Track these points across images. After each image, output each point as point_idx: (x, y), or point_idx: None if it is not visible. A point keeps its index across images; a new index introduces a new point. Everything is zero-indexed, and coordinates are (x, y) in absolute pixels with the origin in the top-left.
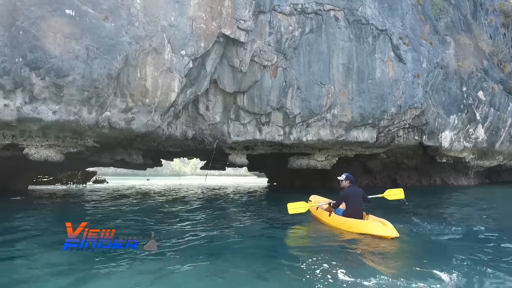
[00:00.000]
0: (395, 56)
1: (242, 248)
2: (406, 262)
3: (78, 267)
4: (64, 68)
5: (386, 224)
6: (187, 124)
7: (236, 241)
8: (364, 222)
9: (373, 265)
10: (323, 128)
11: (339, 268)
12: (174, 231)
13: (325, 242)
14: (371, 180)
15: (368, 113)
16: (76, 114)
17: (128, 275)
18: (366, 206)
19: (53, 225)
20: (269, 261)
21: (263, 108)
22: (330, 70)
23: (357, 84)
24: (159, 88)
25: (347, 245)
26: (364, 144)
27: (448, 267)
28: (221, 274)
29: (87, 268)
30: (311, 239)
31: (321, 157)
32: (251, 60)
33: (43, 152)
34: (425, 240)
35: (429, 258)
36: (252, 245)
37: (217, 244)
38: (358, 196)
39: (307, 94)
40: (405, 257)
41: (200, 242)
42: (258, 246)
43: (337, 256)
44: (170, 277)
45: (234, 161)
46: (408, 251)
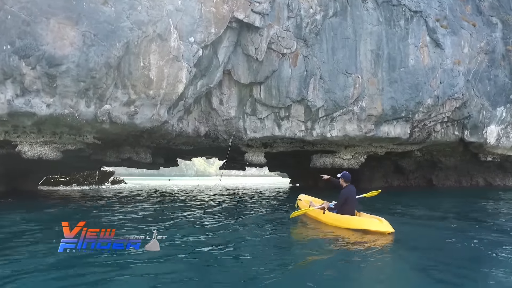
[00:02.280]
0: (431, 41)
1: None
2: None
3: (75, 271)
4: (56, 56)
5: (382, 220)
6: (200, 120)
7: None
8: (360, 218)
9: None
10: (350, 123)
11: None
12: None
13: (329, 241)
14: (403, 180)
15: (400, 105)
16: (72, 107)
17: (129, 278)
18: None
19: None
20: (269, 263)
21: (282, 100)
22: (356, 58)
23: (387, 72)
24: (165, 78)
25: (347, 240)
26: (396, 140)
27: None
28: (217, 274)
29: (85, 271)
30: (312, 237)
31: (348, 155)
32: (268, 47)
33: (37, 150)
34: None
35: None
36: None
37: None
38: (354, 195)
39: (331, 85)
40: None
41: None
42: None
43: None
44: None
45: (250, 159)
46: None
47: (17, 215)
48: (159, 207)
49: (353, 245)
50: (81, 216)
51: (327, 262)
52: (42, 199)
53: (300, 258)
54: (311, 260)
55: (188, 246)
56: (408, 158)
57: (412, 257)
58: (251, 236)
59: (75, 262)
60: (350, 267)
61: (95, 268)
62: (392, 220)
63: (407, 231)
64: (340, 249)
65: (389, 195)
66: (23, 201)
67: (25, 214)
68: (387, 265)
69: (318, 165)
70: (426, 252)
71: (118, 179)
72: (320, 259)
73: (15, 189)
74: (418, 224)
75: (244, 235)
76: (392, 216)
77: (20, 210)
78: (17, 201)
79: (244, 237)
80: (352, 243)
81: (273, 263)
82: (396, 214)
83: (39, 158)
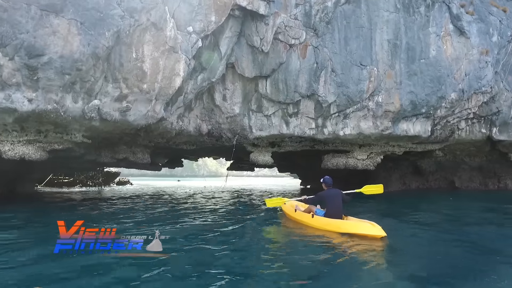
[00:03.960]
0: (455, 29)
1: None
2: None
3: (70, 275)
4: (37, 46)
5: (374, 224)
6: (202, 118)
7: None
8: (350, 222)
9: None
10: (365, 120)
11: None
12: None
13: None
14: (422, 182)
15: (421, 100)
16: (57, 103)
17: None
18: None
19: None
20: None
21: (290, 95)
22: (372, 48)
23: (406, 64)
24: (160, 71)
25: (333, 244)
26: (416, 139)
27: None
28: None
29: (82, 274)
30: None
31: (362, 155)
32: (275, 38)
33: (19, 149)
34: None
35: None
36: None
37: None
38: (338, 198)
39: (344, 78)
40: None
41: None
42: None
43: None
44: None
45: (256, 160)
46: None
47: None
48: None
49: (354, 251)
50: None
51: (318, 265)
52: (35, 201)
53: (294, 262)
54: (305, 264)
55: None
56: (428, 158)
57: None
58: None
59: (71, 264)
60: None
61: (93, 270)
62: (407, 228)
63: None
64: (336, 253)
65: (406, 198)
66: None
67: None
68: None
69: (330, 166)
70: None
71: (123, 180)
72: (311, 262)
73: (12, 191)
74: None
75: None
76: (408, 224)
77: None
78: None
79: (237, 242)
80: (352, 247)
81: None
82: (413, 220)
83: (21, 159)
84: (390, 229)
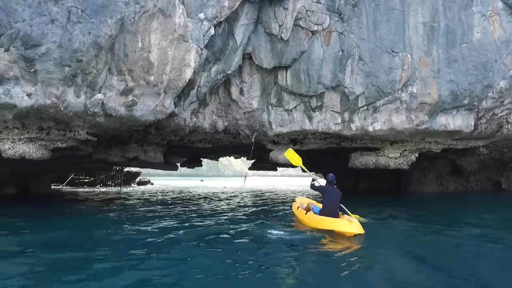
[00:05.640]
0: (504, 7)
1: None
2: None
3: None
4: (33, 35)
5: (352, 221)
6: (218, 113)
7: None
8: (329, 220)
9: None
10: (397, 113)
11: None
12: None
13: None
14: (462, 183)
15: (462, 90)
16: (58, 97)
17: None
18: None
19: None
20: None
21: (312, 87)
22: (405, 33)
23: (445, 50)
24: (169, 62)
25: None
26: (456, 134)
27: None
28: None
29: None
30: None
31: (395, 153)
32: (295, 24)
33: (19, 148)
34: None
35: None
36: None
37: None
38: (336, 196)
39: (373, 67)
40: None
41: None
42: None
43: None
44: None
45: (276, 159)
46: None
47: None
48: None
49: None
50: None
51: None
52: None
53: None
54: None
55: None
56: (469, 156)
57: None
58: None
59: None
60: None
61: None
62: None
63: None
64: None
65: (446, 202)
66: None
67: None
68: None
69: (358, 165)
70: None
71: (144, 180)
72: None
73: (27, 191)
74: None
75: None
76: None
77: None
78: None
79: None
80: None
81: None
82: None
83: (21, 158)
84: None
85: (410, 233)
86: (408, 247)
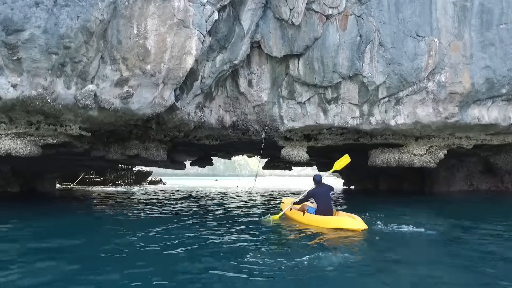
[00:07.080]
0: None
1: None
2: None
3: None
4: (15, 19)
5: (355, 218)
6: (225, 108)
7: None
8: (335, 218)
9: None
10: (423, 105)
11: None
12: None
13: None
14: (495, 183)
15: (500, 78)
16: (45, 88)
17: None
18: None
19: None
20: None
21: (327, 77)
22: (432, 14)
23: (479, 32)
24: (167, 49)
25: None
26: (491, 128)
27: None
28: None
29: None
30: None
31: (420, 150)
32: (307, 8)
33: (5, 144)
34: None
35: None
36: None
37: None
38: (327, 194)
39: (396, 53)
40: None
41: None
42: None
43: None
44: None
45: (288, 156)
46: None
47: None
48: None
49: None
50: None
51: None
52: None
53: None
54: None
55: None
56: (505, 154)
57: None
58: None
59: None
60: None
61: None
62: None
63: None
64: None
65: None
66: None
67: None
68: None
69: (378, 162)
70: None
71: (155, 179)
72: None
73: (32, 190)
74: None
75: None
76: None
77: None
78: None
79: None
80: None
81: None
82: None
83: (6, 154)
84: None
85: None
86: None
